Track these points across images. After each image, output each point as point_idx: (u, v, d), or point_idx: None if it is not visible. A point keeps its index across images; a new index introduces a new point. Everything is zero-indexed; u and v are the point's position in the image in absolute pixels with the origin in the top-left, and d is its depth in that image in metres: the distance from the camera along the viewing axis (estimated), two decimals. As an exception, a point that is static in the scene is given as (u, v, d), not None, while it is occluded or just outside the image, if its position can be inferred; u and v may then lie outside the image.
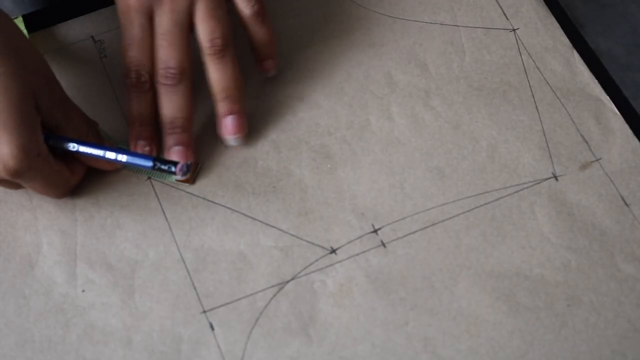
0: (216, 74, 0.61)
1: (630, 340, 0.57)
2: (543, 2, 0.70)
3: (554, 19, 0.69)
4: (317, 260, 0.60)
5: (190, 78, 0.61)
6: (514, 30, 0.69)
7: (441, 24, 0.69)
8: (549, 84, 0.66)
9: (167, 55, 0.61)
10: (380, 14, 0.69)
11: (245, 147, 0.63)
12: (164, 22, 0.61)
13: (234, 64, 0.62)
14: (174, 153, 0.62)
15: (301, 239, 0.60)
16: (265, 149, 0.64)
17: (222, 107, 0.62)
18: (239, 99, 0.62)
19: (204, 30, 0.61)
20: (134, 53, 0.61)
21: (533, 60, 0.67)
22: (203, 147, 0.63)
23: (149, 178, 0.62)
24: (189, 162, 0.60)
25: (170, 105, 0.61)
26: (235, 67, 0.62)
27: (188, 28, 0.61)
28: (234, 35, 0.62)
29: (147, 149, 0.62)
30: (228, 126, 0.62)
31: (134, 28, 0.61)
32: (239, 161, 0.63)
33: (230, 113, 0.62)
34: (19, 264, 0.59)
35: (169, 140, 0.62)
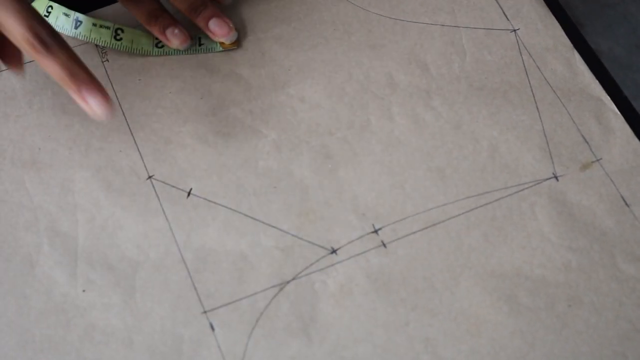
0: None
1: (631, 341, 0.57)
2: (543, 3, 0.70)
3: (554, 19, 0.69)
4: (317, 261, 0.60)
5: None
6: (514, 30, 0.69)
7: (442, 25, 0.69)
8: (549, 84, 0.66)
9: None
10: (381, 16, 0.69)
11: (246, 147, 0.63)
12: None
13: None
14: (212, 26, 0.64)
15: (302, 239, 0.60)
16: (266, 149, 0.64)
17: (199, 21, 0.64)
18: (208, 4, 0.64)
19: None
20: None
21: (534, 61, 0.67)
22: (202, 147, 0.63)
23: (148, 178, 0.62)
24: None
25: None
26: None
27: None
28: None
29: (176, 31, 0.64)
30: (215, 31, 0.64)
31: None
32: (240, 161, 0.63)
33: (209, 19, 0.64)
34: (20, 264, 0.59)
35: (200, 21, 0.64)
